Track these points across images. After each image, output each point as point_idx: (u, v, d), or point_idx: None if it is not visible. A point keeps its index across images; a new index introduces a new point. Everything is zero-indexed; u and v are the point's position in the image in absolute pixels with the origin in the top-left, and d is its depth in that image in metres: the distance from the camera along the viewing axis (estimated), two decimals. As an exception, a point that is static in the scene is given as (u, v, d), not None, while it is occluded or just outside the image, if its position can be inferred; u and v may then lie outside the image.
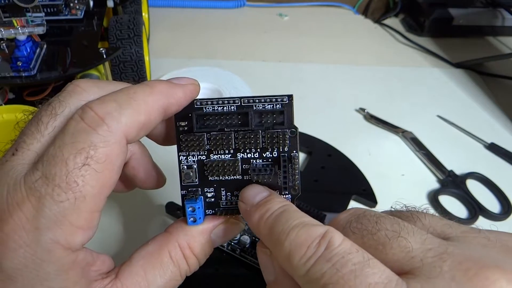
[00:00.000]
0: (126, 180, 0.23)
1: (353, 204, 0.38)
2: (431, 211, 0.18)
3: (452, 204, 0.39)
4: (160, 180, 0.23)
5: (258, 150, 0.21)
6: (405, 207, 0.19)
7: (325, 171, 0.40)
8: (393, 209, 0.19)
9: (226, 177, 0.21)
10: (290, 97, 0.20)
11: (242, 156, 0.21)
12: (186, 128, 0.21)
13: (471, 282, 0.13)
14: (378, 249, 0.16)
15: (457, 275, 0.14)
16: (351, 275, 0.15)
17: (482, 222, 0.37)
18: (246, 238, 0.30)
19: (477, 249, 0.15)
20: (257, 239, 0.30)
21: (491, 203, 0.39)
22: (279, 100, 0.20)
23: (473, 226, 0.17)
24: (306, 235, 0.16)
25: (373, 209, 0.37)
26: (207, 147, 0.20)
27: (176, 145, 0.21)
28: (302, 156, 0.43)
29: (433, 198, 0.39)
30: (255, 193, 0.20)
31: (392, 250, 0.16)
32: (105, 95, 0.18)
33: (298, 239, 0.16)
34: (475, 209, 0.38)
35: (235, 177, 0.21)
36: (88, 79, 0.39)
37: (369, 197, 0.38)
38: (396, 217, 0.17)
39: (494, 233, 0.16)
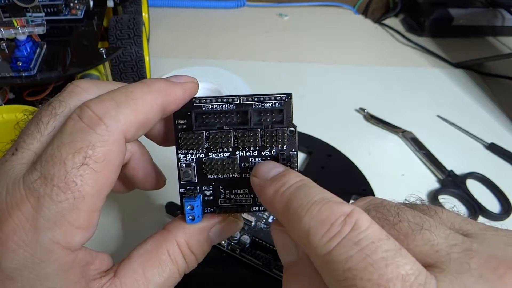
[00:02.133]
0: (126, 181, 0.23)
1: (353, 204, 0.38)
2: (447, 206, 0.18)
3: (452, 204, 0.39)
4: (159, 181, 0.23)
5: (257, 148, 0.21)
6: (420, 200, 0.19)
7: (325, 171, 0.40)
8: (407, 202, 0.19)
9: (225, 176, 0.21)
10: (289, 95, 0.20)
11: (241, 154, 0.21)
12: (184, 126, 0.21)
13: (500, 280, 0.13)
14: (400, 239, 0.15)
15: (486, 273, 0.14)
16: (381, 263, 0.14)
17: (482, 222, 0.37)
18: (246, 238, 0.30)
19: (500, 247, 0.15)
20: (257, 239, 0.30)
21: (491, 203, 0.39)
22: (278, 98, 0.20)
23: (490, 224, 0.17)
24: (329, 211, 0.15)
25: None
26: (206, 145, 0.21)
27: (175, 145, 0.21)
28: (302, 156, 0.43)
29: (433, 198, 0.39)
30: (270, 167, 0.19)
31: (415, 242, 0.15)
32: (103, 94, 0.18)
33: (321, 215, 0.15)
34: (475, 209, 0.38)
35: (233, 175, 0.21)
36: (88, 79, 0.39)
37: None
38: (412, 208, 0.17)
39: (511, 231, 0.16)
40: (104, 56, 0.41)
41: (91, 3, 0.48)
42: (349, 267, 0.14)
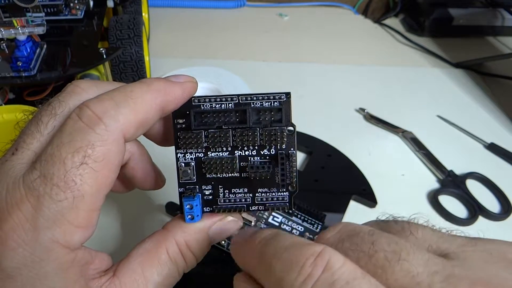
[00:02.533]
0: (125, 181, 0.23)
1: (353, 204, 0.38)
2: (421, 220, 0.17)
3: (452, 204, 0.39)
4: (159, 181, 0.23)
5: (256, 147, 0.21)
6: (392, 217, 0.18)
7: (325, 171, 0.40)
8: (379, 220, 0.18)
9: (224, 175, 0.21)
10: (287, 94, 0.20)
11: (240, 153, 0.21)
12: (184, 126, 0.21)
13: None
14: (377, 273, 0.14)
15: None
16: None
17: (482, 222, 0.37)
18: (246, 238, 0.30)
19: (481, 266, 0.14)
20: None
21: (491, 203, 0.39)
22: (276, 97, 0.20)
23: (464, 235, 0.16)
24: (298, 253, 0.14)
25: (372, 209, 0.37)
26: (205, 144, 0.20)
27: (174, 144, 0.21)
28: (302, 156, 0.43)
29: (433, 198, 0.39)
30: (244, 231, 0.19)
31: (394, 275, 0.14)
32: (102, 93, 0.18)
33: (290, 258, 0.15)
34: (475, 209, 0.38)
35: (232, 174, 0.21)
36: (88, 79, 0.39)
37: (369, 197, 0.38)
38: (386, 230, 0.16)
39: (490, 244, 0.16)
40: (104, 56, 0.41)
41: (91, 3, 0.48)
42: None
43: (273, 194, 0.21)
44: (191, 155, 0.21)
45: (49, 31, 0.41)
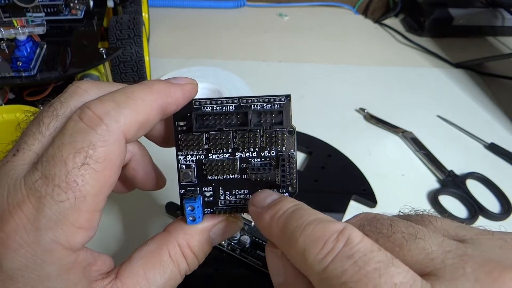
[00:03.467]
0: (126, 181, 0.23)
1: (353, 204, 0.38)
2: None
3: (452, 204, 0.39)
4: (160, 181, 0.23)
5: (257, 149, 0.21)
6: (414, 210, 0.19)
7: (325, 171, 0.40)
8: (401, 213, 0.19)
9: (225, 176, 0.21)
10: (288, 97, 0.20)
11: (241, 155, 0.21)
12: (184, 128, 0.21)
13: (496, 283, 0.13)
14: (395, 251, 0.15)
15: (481, 277, 0.14)
16: (375, 274, 0.14)
17: (482, 222, 0.37)
18: (246, 238, 0.30)
19: (495, 250, 0.15)
20: (257, 239, 0.30)
21: (491, 203, 0.39)
22: (277, 100, 0.20)
23: (486, 228, 0.17)
24: (322, 230, 0.16)
25: (372, 209, 0.37)
26: (206, 146, 0.21)
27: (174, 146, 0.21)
28: (302, 156, 0.43)
29: (433, 198, 0.39)
30: (266, 196, 0.20)
31: (410, 252, 0.15)
32: (103, 95, 0.18)
33: (314, 234, 0.16)
34: (475, 209, 0.38)
35: (233, 176, 0.21)
36: (89, 80, 0.39)
37: (369, 197, 0.38)
38: (406, 219, 0.17)
39: (507, 234, 0.16)
40: (104, 56, 0.41)
41: (91, 3, 0.48)
42: (344, 280, 0.14)
43: None
44: (192, 157, 0.21)
45: (49, 31, 0.41)
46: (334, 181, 0.40)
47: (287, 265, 0.18)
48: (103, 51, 0.41)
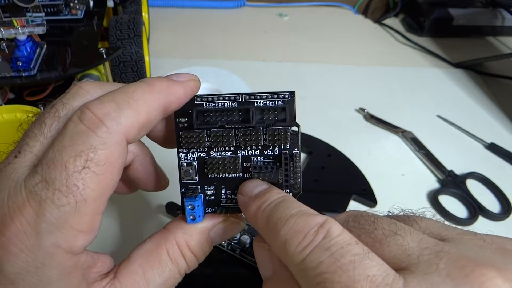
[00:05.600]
0: (129, 182, 0.23)
1: (353, 204, 0.38)
2: (428, 215, 0.18)
3: (452, 204, 0.39)
4: (162, 182, 0.23)
5: (259, 147, 0.20)
6: (402, 211, 0.19)
7: (325, 171, 0.40)
8: (390, 213, 0.19)
9: (226, 175, 0.21)
10: (292, 93, 0.20)
11: (243, 153, 0.20)
12: (186, 125, 0.20)
13: (467, 278, 0.14)
14: (375, 246, 0.16)
15: (453, 272, 0.14)
16: (349, 266, 0.14)
17: (482, 222, 0.37)
18: (246, 238, 0.30)
19: (473, 249, 0.15)
20: (257, 239, 0.30)
21: (491, 203, 0.39)
22: (280, 96, 0.20)
23: (468, 229, 0.17)
24: (303, 223, 0.16)
25: (372, 209, 0.37)
26: (207, 144, 0.20)
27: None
28: (302, 156, 0.43)
29: (433, 198, 0.39)
30: (254, 185, 0.20)
31: (389, 248, 0.16)
32: (103, 95, 0.18)
33: (296, 227, 0.16)
34: (475, 209, 0.38)
35: (235, 174, 0.21)
36: (92, 81, 0.39)
37: (369, 197, 0.38)
38: (392, 219, 0.17)
39: (490, 236, 0.16)
40: (104, 56, 0.41)
41: (91, 3, 0.48)
42: (320, 271, 0.15)
43: None
44: (193, 155, 0.21)
45: (49, 31, 0.41)
46: (334, 181, 0.40)
47: (274, 259, 0.18)
48: (103, 51, 0.41)
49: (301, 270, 0.16)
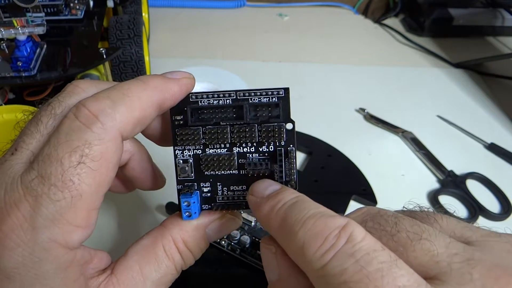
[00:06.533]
0: (126, 181, 0.23)
1: (353, 204, 0.38)
2: (449, 210, 0.18)
3: (452, 204, 0.39)
4: (159, 181, 0.23)
5: (254, 144, 0.20)
6: (419, 207, 0.18)
7: (325, 171, 0.40)
8: (405, 209, 0.19)
9: (222, 172, 0.21)
10: (286, 90, 0.20)
11: (238, 150, 0.21)
12: (181, 122, 0.20)
13: None
14: (398, 251, 0.15)
15: (488, 283, 0.13)
16: (377, 274, 0.13)
17: (482, 222, 0.37)
18: (246, 238, 0.30)
19: (503, 255, 0.15)
20: (257, 239, 0.30)
21: (491, 203, 0.39)
22: (275, 93, 0.20)
23: (491, 229, 0.17)
24: (323, 225, 0.15)
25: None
26: (203, 141, 0.20)
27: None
28: (302, 156, 0.43)
29: (433, 198, 0.39)
30: (266, 186, 0.19)
31: (414, 253, 0.15)
32: (99, 92, 0.18)
33: (315, 229, 0.15)
34: (475, 209, 0.38)
35: (231, 171, 0.21)
36: (88, 79, 0.39)
37: (369, 197, 0.38)
38: (411, 217, 0.16)
39: None
40: (104, 56, 0.41)
41: (91, 3, 0.48)
42: (344, 279, 0.14)
43: None
44: (189, 152, 0.21)
45: (49, 31, 0.41)
46: (334, 181, 0.40)
47: (281, 261, 0.18)
48: (103, 51, 0.41)
49: (321, 277, 0.15)
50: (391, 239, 0.15)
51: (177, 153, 0.21)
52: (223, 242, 0.30)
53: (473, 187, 0.40)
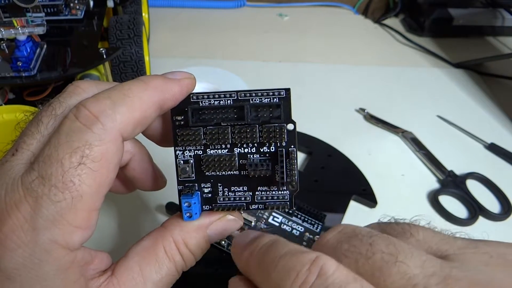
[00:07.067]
0: (126, 182, 0.23)
1: (353, 204, 0.38)
2: (422, 222, 0.17)
3: (452, 204, 0.39)
4: (160, 182, 0.23)
5: (255, 145, 0.20)
6: (394, 219, 0.18)
7: (325, 171, 0.40)
8: (381, 222, 0.18)
9: (223, 173, 0.21)
10: (287, 90, 0.20)
11: (239, 151, 0.20)
12: (182, 123, 0.20)
13: None
14: (375, 275, 0.14)
15: None
16: None
17: (482, 222, 0.37)
18: (246, 238, 0.30)
19: (481, 269, 0.14)
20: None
21: (491, 203, 0.39)
22: (276, 93, 0.20)
23: (467, 237, 0.16)
24: (294, 261, 0.15)
25: (372, 209, 0.37)
26: (204, 141, 0.20)
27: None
28: (302, 156, 0.43)
29: (433, 198, 0.39)
30: (245, 235, 0.19)
31: (390, 278, 0.14)
32: (99, 93, 0.18)
33: (287, 267, 0.15)
34: (475, 209, 0.38)
35: (232, 172, 0.21)
36: (88, 80, 0.39)
37: (369, 197, 0.38)
38: (386, 232, 0.16)
39: (491, 246, 0.15)
40: (104, 56, 0.41)
41: (91, 3, 0.48)
42: None
43: (273, 192, 0.21)
44: (190, 153, 0.21)
45: (49, 31, 0.41)
46: (334, 181, 0.40)
47: None
48: (103, 51, 0.41)
49: None
50: (366, 262, 0.15)
51: (178, 153, 0.21)
52: (223, 242, 0.30)
53: (473, 187, 0.40)
